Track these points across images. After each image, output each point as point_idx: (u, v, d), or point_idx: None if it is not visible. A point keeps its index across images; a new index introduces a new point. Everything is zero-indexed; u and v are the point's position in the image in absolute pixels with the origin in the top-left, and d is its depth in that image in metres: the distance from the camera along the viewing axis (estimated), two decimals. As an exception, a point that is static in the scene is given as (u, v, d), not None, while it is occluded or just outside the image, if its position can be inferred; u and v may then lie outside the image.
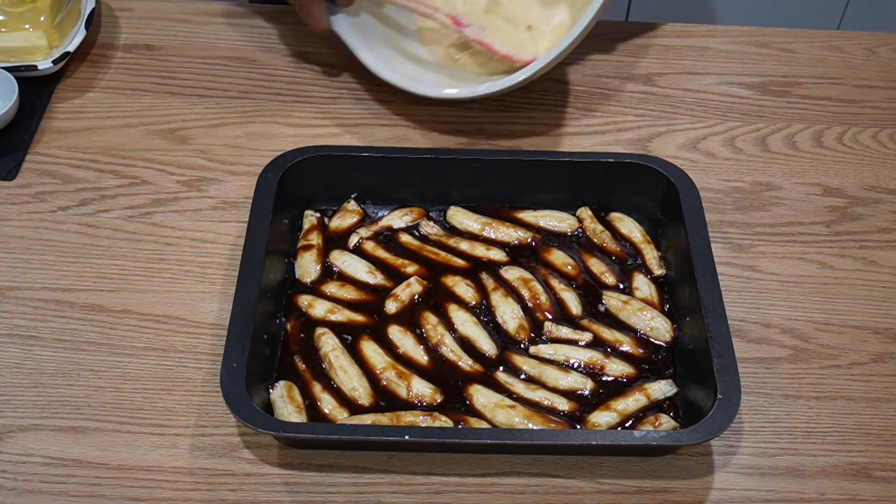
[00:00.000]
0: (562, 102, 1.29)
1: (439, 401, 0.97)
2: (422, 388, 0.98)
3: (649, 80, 1.33)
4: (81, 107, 1.25)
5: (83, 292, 1.07)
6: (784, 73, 1.34)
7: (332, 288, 1.07)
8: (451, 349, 1.02)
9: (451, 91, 1.19)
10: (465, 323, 1.04)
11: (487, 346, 1.02)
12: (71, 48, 1.25)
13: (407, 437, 0.90)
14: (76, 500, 0.92)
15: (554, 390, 0.98)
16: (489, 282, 1.07)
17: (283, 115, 1.26)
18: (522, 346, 1.02)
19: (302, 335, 1.03)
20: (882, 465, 0.97)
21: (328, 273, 1.08)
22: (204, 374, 1.01)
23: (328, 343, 1.01)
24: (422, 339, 1.03)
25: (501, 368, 1.01)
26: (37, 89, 1.25)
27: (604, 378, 0.99)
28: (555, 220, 1.13)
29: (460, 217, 1.13)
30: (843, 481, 0.95)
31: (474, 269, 1.09)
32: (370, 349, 1.02)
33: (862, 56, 1.37)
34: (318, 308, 1.04)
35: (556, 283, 1.08)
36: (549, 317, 1.04)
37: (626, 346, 1.02)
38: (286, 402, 0.96)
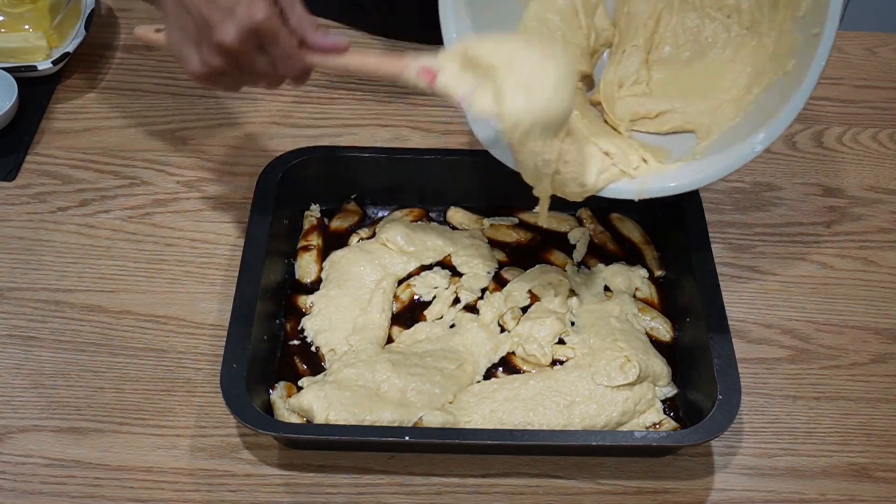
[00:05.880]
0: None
1: (439, 401, 0.97)
2: (422, 389, 0.98)
3: (649, 81, 1.32)
4: (81, 107, 1.25)
5: (83, 293, 1.07)
6: (784, 73, 1.34)
7: (332, 288, 1.07)
8: (451, 349, 1.02)
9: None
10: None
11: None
12: (71, 49, 1.25)
13: (407, 438, 0.90)
14: (76, 501, 0.92)
15: (554, 391, 0.98)
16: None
17: (283, 115, 1.25)
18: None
19: (302, 335, 1.03)
20: (882, 465, 0.97)
21: (328, 273, 1.08)
22: (204, 375, 1.00)
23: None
24: (422, 339, 1.03)
25: (501, 369, 1.01)
26: (37, 90, 1.25)
27: (604, 378, 0.99)
28: (555, 221, 1.13)
29: (460, 217, 1.13)
30: (844, 482, 0.95)
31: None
32: (370, 350, 1.01)
33: (862, 56, 1.37)
34: (318, 308, 1.04)
35: (556, 283, 1.08)
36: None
37: (627, 347, 1.02)
38: (286, 403, 0.96)
